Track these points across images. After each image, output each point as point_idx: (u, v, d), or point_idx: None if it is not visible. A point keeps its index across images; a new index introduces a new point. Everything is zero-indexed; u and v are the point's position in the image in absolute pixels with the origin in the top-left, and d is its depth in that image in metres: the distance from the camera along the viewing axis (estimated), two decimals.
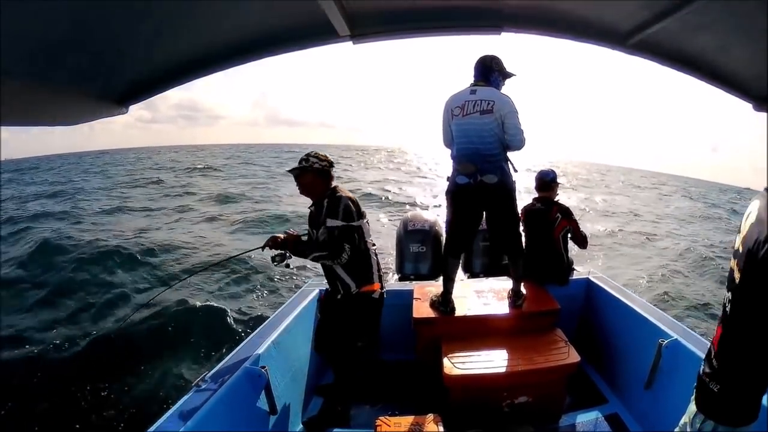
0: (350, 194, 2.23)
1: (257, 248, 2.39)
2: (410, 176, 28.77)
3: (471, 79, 2.52)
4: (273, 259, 2.33)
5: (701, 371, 1.16)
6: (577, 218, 3.02)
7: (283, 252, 2.31)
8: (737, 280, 1.02)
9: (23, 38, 0.89)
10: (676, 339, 2.10)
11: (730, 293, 1.07)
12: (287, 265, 2.36)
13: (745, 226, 1.04)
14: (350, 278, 2.24)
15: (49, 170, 38.69)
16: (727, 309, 1.07)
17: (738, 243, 1.06)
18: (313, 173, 2.20)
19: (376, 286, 2.29)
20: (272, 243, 2.30)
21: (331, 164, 2.25)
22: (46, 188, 22.49)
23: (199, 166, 32.46)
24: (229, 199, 16.40)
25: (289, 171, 2.24)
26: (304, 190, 2.25)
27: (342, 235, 2.13)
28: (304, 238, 2.41)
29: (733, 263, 1.07)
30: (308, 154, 2.23)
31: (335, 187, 2.25)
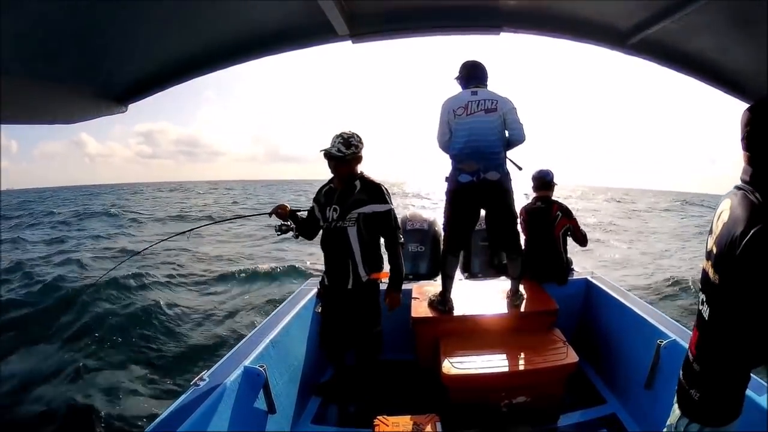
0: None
1: (264, 213, 2.44)
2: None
3: (453, 83, 2.60)
4: (278, 228, 2.37)
5: (680, 376, 1.15)
6: (576, 217, 3.03)
7: (287, 223, 2.34)
8: (713, 280, 1.02)
9: (24, 37, 0.89)
10: (675, 340, 2.10)
11: (704, 295, 1.07)
12: (296, 236, 2.40)
13: (718, 225, 1.03)
14: (364, 266, 2.20)
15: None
16: (703, 311, 1.06)
17: (711, 243, 1.05)
18: (358, 158, 2.19)
19: (387, 274, 2.28)
20: (280, 211, 2.34)
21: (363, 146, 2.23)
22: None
23: None
24: None
25: (341, 157, 2.12)
26: (342, 172, 2.18)
27: (396, 217, 2.20)
28: (303, 214, 2.43)
29: (706, 264, 1.06)
30: (349, 137, 2.14)
31: (362, 171, 2.24)
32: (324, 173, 2.25)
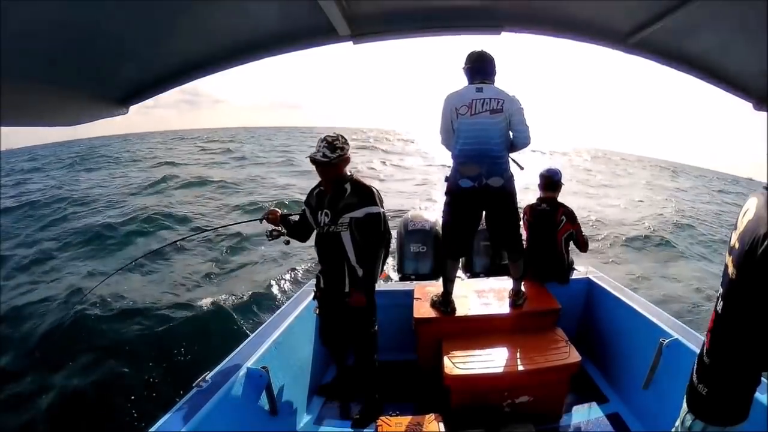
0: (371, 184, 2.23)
1: (254, 219, 2.41)
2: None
3: (458, 71, 2.47)
4: (269, 234, 2.33)
5: (693, 369, 1.16)
6: (580, 222, 3.01)
7: (278, 228, 2.31)
8: (732, 277, 1.02)
9: (23, 38, 0.89)
10: (677, 338, 2.10)
11: (723, 289, 1.07)
12: (287, 242, 2.38)
13: (742, 222, 1.03)
14: (360, 269, 2.19)
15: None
16: (719, 305, 1.06)
17: (734, 239, 1.05)
18: (345, 160, 2.15)
19: (383, 274, 2.29)
20: (270, 217, 2.31)
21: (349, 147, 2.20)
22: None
23: None
24: None
25: (327, 162, 2.08)
26: (331, 175, 2.14)
27: (386, 221, 2.16)
28: (295, 217, 2.41)
29: (728, 260, 1.06)
30: (334, 140, 2.10)
31: (352, 174, 2.22)
32: (322, 121, 2.24)
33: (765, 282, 0.93)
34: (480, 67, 2.40)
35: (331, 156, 2.08)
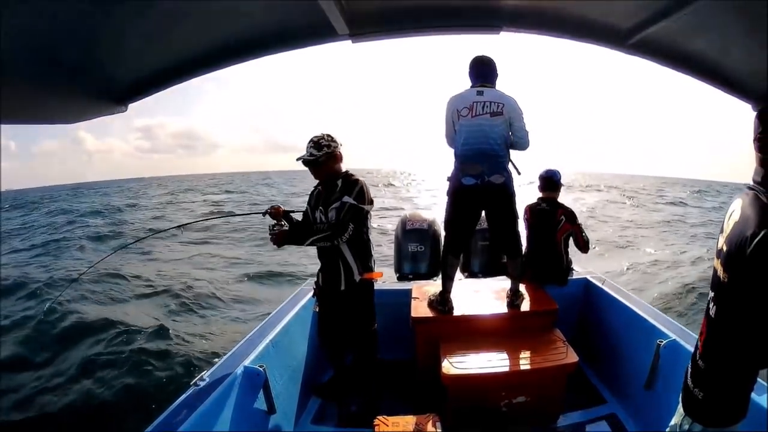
0: (363, 180, 2.24)
1: (258, 213, 2.46)
2: None
3: (460, 78, 2.55)
4: (271, 228, 2.36)
5: (687, 373, 1.16)
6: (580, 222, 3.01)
7: (281, 223, 2.34)
8: (723, 279, 1.03)
9: (23, 37, 0.89)
10: (674, 340, 2.10)
11: (713, 293, 1.07)
12: (281, 244, 2.35)
13: (729, 225, 1.04)
14: (356, 265, 2.22)
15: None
16: (712, 309, 1.07)
17: (721, 242, 1.06)
18: (334, 157, 2.20)
19: (379, 274, 2.30)
20: (273, 212, 2.35)
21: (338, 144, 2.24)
22: None
23: None
24: None
25: (313, 160, 2.14)
26: (322, 174, 2.21)
27: (351, 213, 2.14)
28: (298, 215, 2.42)
29: (716, 263, 1.07)
30: (319, 139, 2.17)
31: (347, 171, 2.26)
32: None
33: (755, 281, 0.94)
34: (480, 71, 2.51)
35: (318, 154, 2.14)
